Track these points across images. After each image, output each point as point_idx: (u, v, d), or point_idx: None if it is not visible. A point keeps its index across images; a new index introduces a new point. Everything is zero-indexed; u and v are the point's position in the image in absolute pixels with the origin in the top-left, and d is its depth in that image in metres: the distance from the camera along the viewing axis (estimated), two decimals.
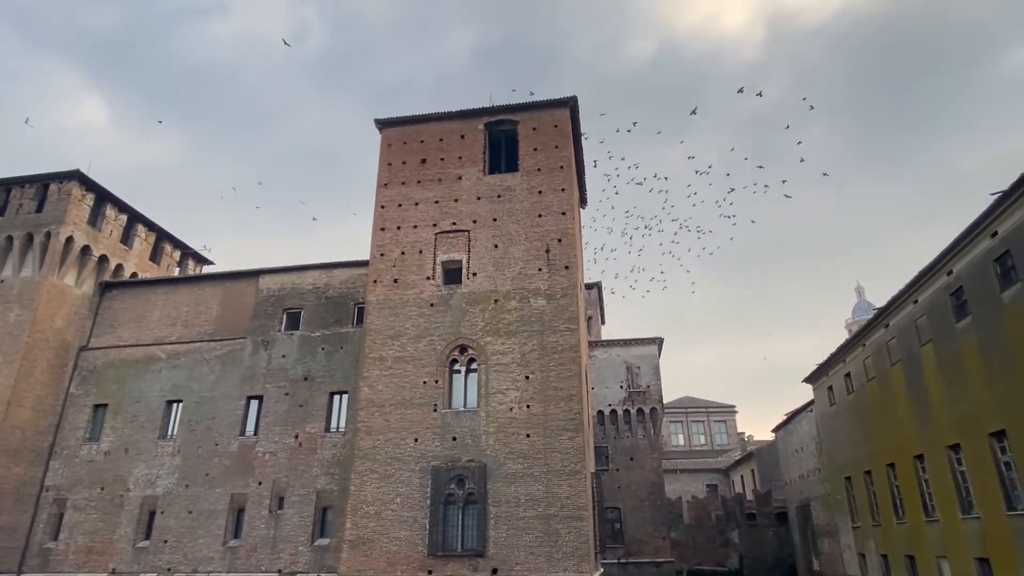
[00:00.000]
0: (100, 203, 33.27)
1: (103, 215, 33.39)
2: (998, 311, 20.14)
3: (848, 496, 34.16)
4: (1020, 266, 19.04)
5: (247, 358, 29.42)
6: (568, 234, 25.55)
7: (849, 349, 33.45)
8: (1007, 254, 19.62)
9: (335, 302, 29.88)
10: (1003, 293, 19.81)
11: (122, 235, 34.71)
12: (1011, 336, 19.45)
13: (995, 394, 20.34)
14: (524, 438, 22.41)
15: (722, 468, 62.79)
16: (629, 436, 40.38)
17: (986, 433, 20.80)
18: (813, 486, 41.02)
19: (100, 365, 31.00)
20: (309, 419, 27.50)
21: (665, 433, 62.19)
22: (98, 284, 32.83)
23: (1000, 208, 19.61)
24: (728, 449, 68.64)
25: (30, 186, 32.16)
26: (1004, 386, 19.84)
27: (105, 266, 33.26)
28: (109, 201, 33.72)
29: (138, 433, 28.95)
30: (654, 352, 42.05)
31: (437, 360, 24.16)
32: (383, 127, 28.95)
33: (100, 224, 33.14)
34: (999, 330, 20.11)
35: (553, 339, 23.74)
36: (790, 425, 46.73)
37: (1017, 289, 19.12)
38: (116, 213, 34.25)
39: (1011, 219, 19.32)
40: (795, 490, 45.20)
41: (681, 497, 48.65)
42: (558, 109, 27.80)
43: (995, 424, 20.38)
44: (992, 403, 20.52)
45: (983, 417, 21.05)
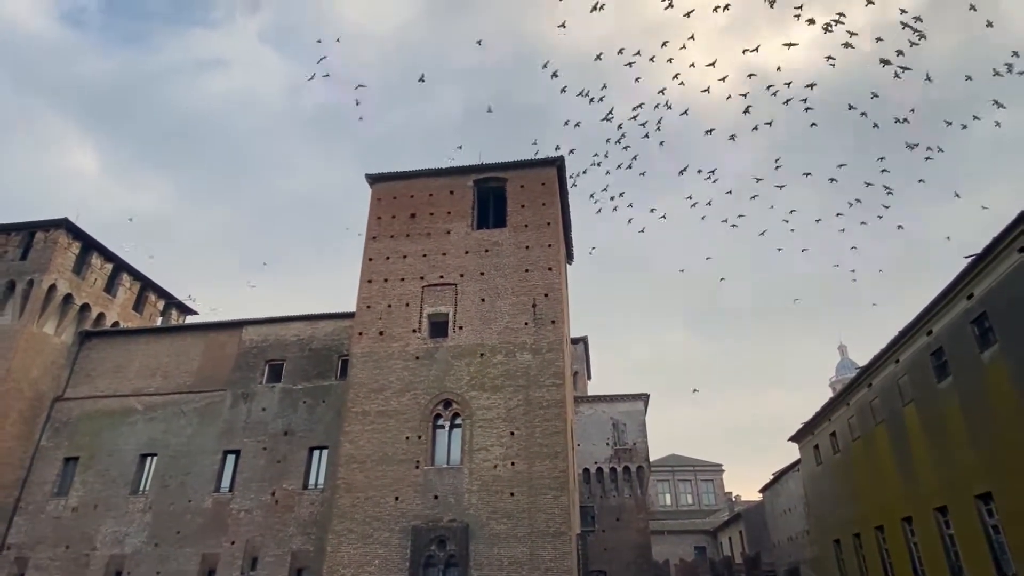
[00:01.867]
0: (86, 251, 33.08)
1: (88, 264, 33.14)
2: (978, 372, 20.25)
3: (837, 560, 33.33)
4: (997, 327, 19.29)
5: (226, 411, 28.77)
6: (554, 289, 25.66)
7: (833, 408, 33.32)
8: (984, 315, 19.91)
9: (319, 354, 29.53)
10: (982, 354, 19.98)
11: (106, 284, 34.39)
12: (991, 397, 19.51)
13: (979, 455, 20.22)
14: (508, 497, 21.83)
15: (710, 530, 61.32)
16: (615, 495, 39.48)
17: (972, 495, 20.55)
18: (802, 549, 40.07)
19: (74, 416, 30.12)
20: (287, 475, 26.70)
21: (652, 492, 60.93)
22: (78, 333, 32.29)
23: (974, 271, 20.02)
24: (716, 509, 67.24)
25: (16, 233, 31.98)
26: (987, 447, 19.76)
27: (87, 315, 32.79)
28: (95, 249, 33.55)
29: (109, 488, 27.90)
30: (640, 408, 41.61)
31: (421, 415, 23.74)
32: (373, 182, 29.32)
33: (85, 272, 32.85)
34: (980, 391, 20.17)
35: (539, 394, 23.48)
36: (777, 485, 46.01)
37: (995, 350, 19.31)
38: (102, 262, 34.03)
39: (985, 281, 19.70)
40: (784, 553, 44.12)
41: (669, 560, 47.20)
42: (545, 168, 28.41)
43: (981, 486, 20.18)
44: (977, 465, 20.37)
45: (968, 479, 20.83)
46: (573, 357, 37.92)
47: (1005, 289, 18.86)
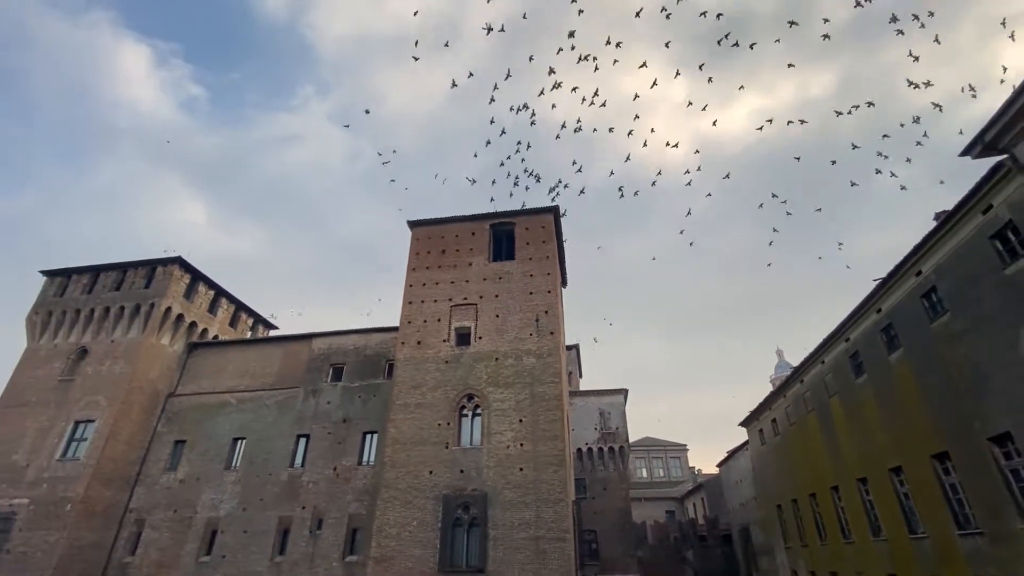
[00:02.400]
0: (194, 282, 33.44)
1: (196, 291, 33.48)
2: (887, 370, 19.90)
3: (780, 521, 32.45)
4: (901, 335, 19.00)
5: (299, 404, 28.68)
6: (553, 307, 25.55)
7: (773, 399, 32.74)
8: (890, 326, 19.62)
9: (371, 359, 29.47)
10: (890, 356, 19.65)
11: (209, 306, 34.65)
12: (898, 390, 19.13)
13: (891, 437, 19.77)
14: (518, 471, 21.49)
15: (678, 497, 59.90)
16: (602, 470, 38.81)
17: (886, 469, 20.05)
18: (751, 512, 39.04)
19: (183, 408, 30.15)
20: (346, 454, 26.48)
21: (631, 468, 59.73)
22: (187, 344, 32.46)
23: (881, 291, 19.78)
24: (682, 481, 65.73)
25: (142, 268, 32.42)
26: (897, 430, 19.32)
27: (194, 330, 33.01)
28: (201, 280, 33.90)
29: (208, 464, 27.78)
30: (621, 400, 41.07)
31: (449, 406, 23.55)
32: (413, 226, 29.54)
33: (193, 297, 33.17)
34: (889, 385, 19.80)
35: (541, 390, 23.25)
36: (731, 461, 44.99)
37: (900, 353, 18.99)
38: (206, 289, 34.36)
39: (890, 299, 19.46)
40: (737, 515, 42.96)
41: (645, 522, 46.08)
42: (545, 214, 28.51)
43: (892, 461, 19.69)
44: (888, 444, 19.90)
45: (882, 456, 20.34)
46: (568, 360, 37.60)
47: (906, 304, 18.62)
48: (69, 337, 30.93)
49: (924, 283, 17.50)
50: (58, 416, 28.04)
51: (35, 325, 31.60)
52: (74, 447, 27.23)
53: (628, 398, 41.47)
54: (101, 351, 29.97)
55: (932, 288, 17.18)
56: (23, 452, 27.21)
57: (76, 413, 28.01)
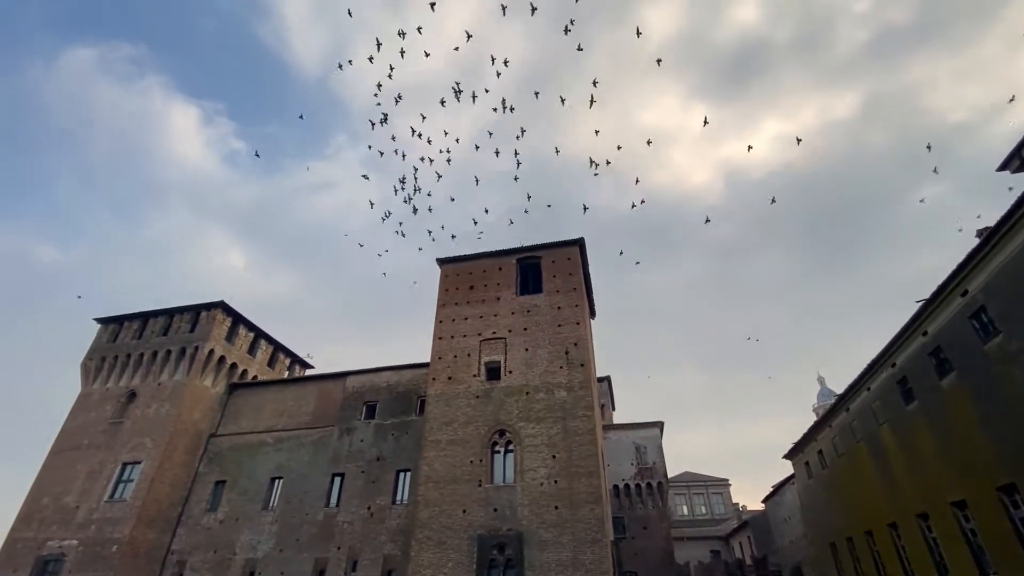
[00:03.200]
0: (235, 324, 34.59)
1: (236, 333, 34.58)
2: (939, 396, 18.69)
3: (834, 560, 30.18)
4: (952, 358, 17.92)
5: (334, 442, 28.82)
6: (582, 339, 25.25)
7: (818, 430, 31.04)
8: (939, 349, 18.55)
9: (403, 396, 29.55)
10: (942, 381, 18.50)
11: (249, 348, 35.66)
12: (954, 417, 17.89)
13: (950, 467, 18.36)
14: (553, 510, 20.82)
15: (722, 536, 56.63)
16: (641, 507, 37.21)
17: (948, 502, 18.54)
18: (802, 551, 36.48)
19: (223, 448, 30.69)
20: (380, 493, 26.28)
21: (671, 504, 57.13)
22: (228, 385, 33.32)
23: (925, 312, 18.83)
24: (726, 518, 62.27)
25: (187, 313, 33.80)
26: (957, 460, 17.95)
27: (235, 371, 33.92)
28: (242, 323, 35.05)
29: (247, 504, 27.98)
30: (657, 434, 39.69)
31: (481, 442, 23.22)
32: (442, 263, 30.03)
33: (234, 340, 34.23)
34: (943, 412, 18.54)
35: (574, 424, 22.73)
36: (777, 496, 42.51)
37: (953, 378, 17.86)
38: (246, 332, 35.46)
39: (936, 321, 18.48)
40: (787, 554, 40.19)
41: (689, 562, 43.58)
42: (570, 247, 28.58)
43: (955, 494, 18.21)
44: (949, 475, 18.46)
45: (943, 488, 18.85)
46: (600, 393, 36.83)
47: (954, 325, 17.64)
48: (120, 381, 32.21)
49: (972, 303, 16.58)
50: (107, 458, 28.93)
51: (89, 370, 33.09)
52: (121, 488, 27.92)
53: (664, 431, 40.08)
54: (149, 393, 31.04)
55: (981, 308, 16.25)
56: (74, 494, 28.05)
57: (124, 455, 28.85)
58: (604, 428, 36.54)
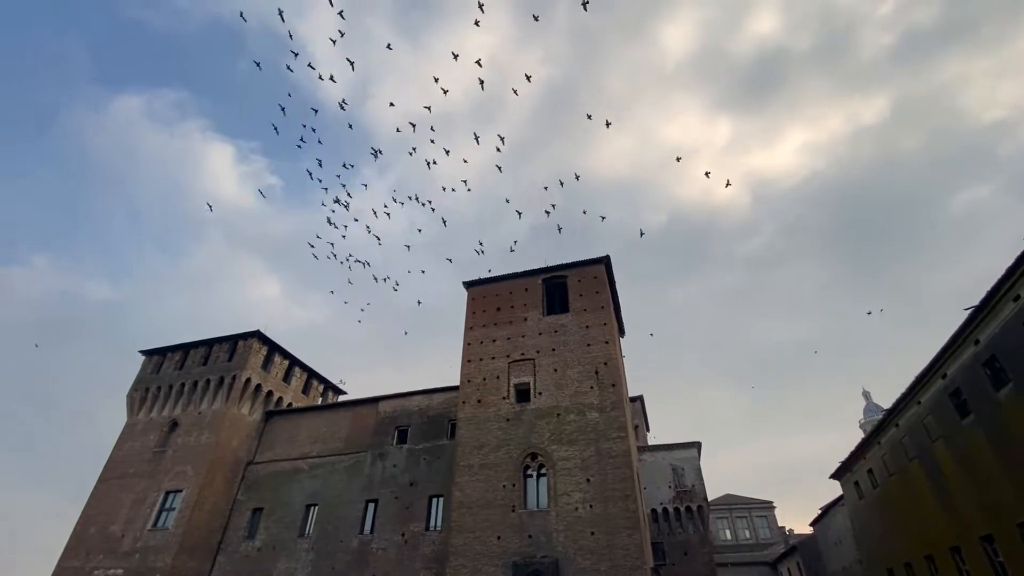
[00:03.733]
0: (271, 353, 35.38)
1: (272, 361, 35.33)
2: (998, 408, 17.47)
3: None
4: (1009, 368, 16.78)
5: (367, 468, 28.82)
6: (612, 358, 24.80)
7: (866, 447, 29.39)
8: (994, 359, 17.42)
9: (434, 420, 29.45)
10: (998, 392, 17.32)
11: (284, 375, 36.33)
12: (1015, 430, 16.65)
13: (1016, 484, 17.00)
14: (589, 535, 20.18)
15: (769, 561, 53.70)
16: (681, 532, 35.70)
17: (1015, 523, 17.12)
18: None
19: (260, 476, 31.05)
20: (413, 519, 26.01)
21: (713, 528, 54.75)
22: (264, 412, 33.90)
23: (976, 320, 17.79)
24: (772, 543, 59.13)
25: (225, 343, 34.78)
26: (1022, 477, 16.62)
27: (270, 398, 34.56)
28: (277, 351, 35.83)
29: (283, 532, 28.09)
30: (694, 454, 38.25)
31: (513, 466, 22.84)
32: (469, 286, 30.20)
33: (269, 368, 34.97)
34: (1004, 425, 17.29)
35: (607, 446, 22.16)
36: (826, 519, 40.25)
37: (1011, 388, 16.70)
38: (281, 359, 36.20)
39: (989, 328, 17.42)
40: None
41: None
42: (596, 265, 28.36)
43: (1022, 515, 16.81)
44: (1015, 493, 17.09)
45: (1008, 508, 17.45)
46: (633, 413, 35.92)
47: (1010, 333, 16.57)
48: (163, 411, 33.19)
49: None
50: (151, 486, 29.64)
51: (134, 401, 34.25)
52: (164, 517, 28.48)
53: (702, 451, 38.64)
54: (189, 422, 31.84)
55: None
56: (120, 523, 28.74)
57: (166, 483, 29.50)
58: (639, 449, 35.48)
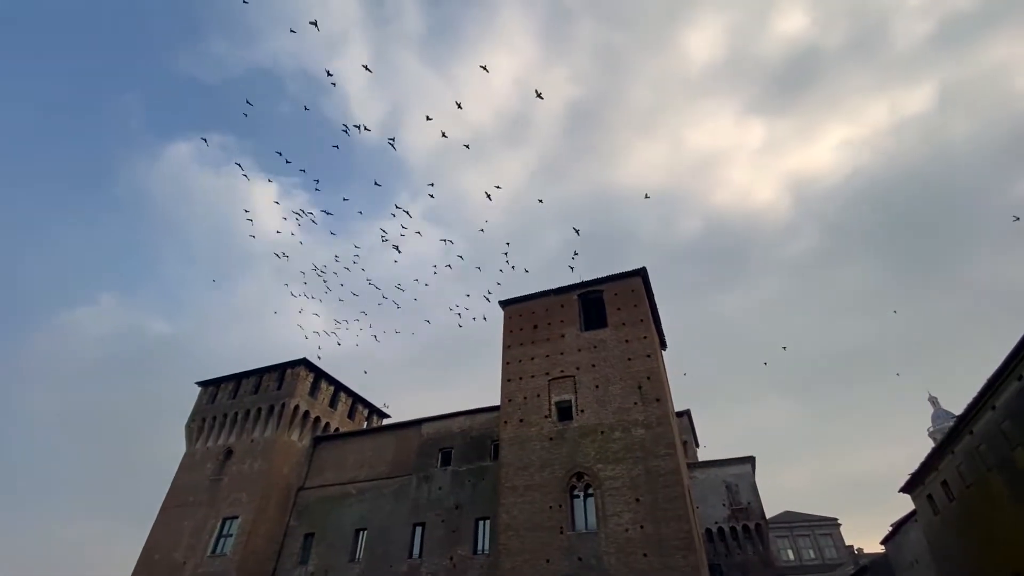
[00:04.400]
0: (317, 380, 36.20)
1: (319, 388, 36.12)
2: None
3: None
4: None
5: (413, 491, 28.80)
6: (655, 372, 24.11)
7: (939, 457, 27.26)
8: None
9: (476, 441, 29.26)
10: None
11: (330, 401, 37.03)
12: None
13: None
14: (642, 557, 19.37)
15: None
16: (740, 553, 33.80)
17: None
18: None
19: (311, 501, 31.50)
20: (460, 542, 25.69)
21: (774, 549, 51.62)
22: (312, 438, 34.57)
23: None
24: (839, 563, 55.21)
25: (274, 372, 35.79)
26: None
27: (318, 424, 35.25)
28: (323, 378, 36.63)
29: (334, 557, 28.26)
30: (748, 470, 36.35)
31: (559, 487, 22.32)
32: (505, 305, 30.20)
33: (316, 394, 35.73)
34: None
35: (656, 463, 21.39)
36: (898, 537, 37.40)
37: None
38: (327, 385, 36.97)
39: None
40: None
41: None
42: (632, 278, 27.87)
43: None
44: None
45: None
46: (680, 428, 34.66)
47: None
48: (218, 440, 34.39)
49: None
50: (209, 514, 30.57)
51: (192, 431, 35.67)
52: (222, 543, 29.24)
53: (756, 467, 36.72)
54: (243, 450, 32.82)
55: None
56: (182, 549, 29.70)
57: (224, 510, 30.37)
58: (689, 466, 34.07)
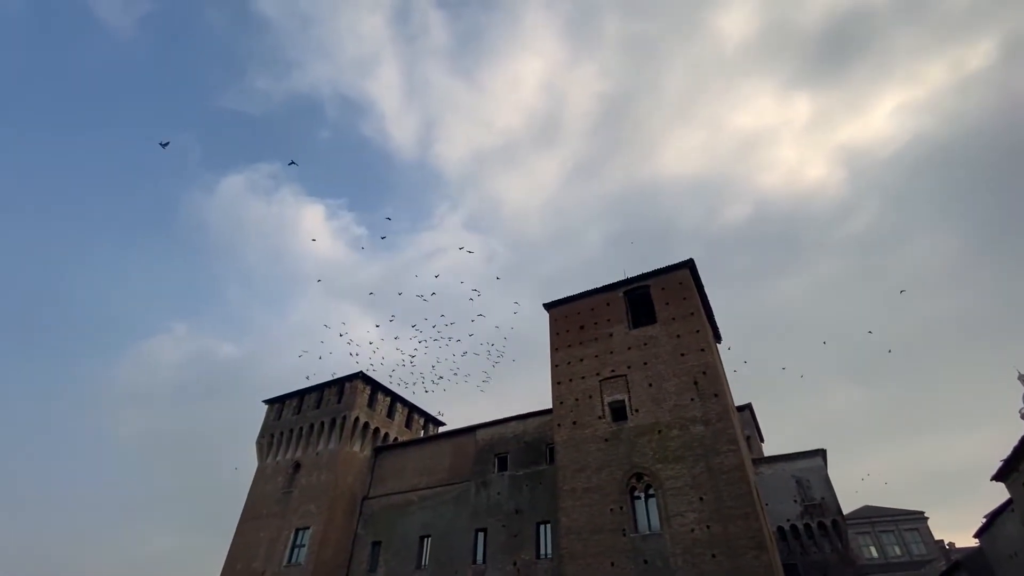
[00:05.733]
0: (375, 392, 37.15)
1: (376, 400, 37.05)
2: None
3: None
4: None
5: (472, 497, 28.91)
6: (711, 367, 23.14)
7: None
8: None
9: (531, 445, 29.05)
10: None
11: (387, 411, 37.89)
12: None
13: None
14: (710, 558, 18.54)
15: None
16: (816, 552, 31.74)
17: None
18: None
19: (376, 510, 32.25)
20: (523, 547, 25.51)
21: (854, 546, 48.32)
22: (373, 448, 35.47)
23: None
24: (929, 559, 50.92)
25: (335, 386, 36.98)
26: None
27: (377, 435, 36.14)
28: (380, 390, 37.54)
29: (401, 564, 28.76)
30: (820, 464, 34.09)
31: (618, 488, 21.77)
32: (549, 308, 29.93)
33: (374, 406, 36.66)
34: None
35: (718, 460, 20.48)
36: (993, 529, 34.07)
37: None
38: (383, 397, 37.86)
39: None
40: None
41: None
42: (679, 271, 26.96)
43: None
44: None
45: None
46: (742, 423, 33.10)
47: None
48: (287, 454, 35.90)
49: None
50: (283, 525, 31.90)
51: (263, 447, 37.43)
52: (296, 553, 30.42)
53: (829, 460, 34.49)
54: (310, 463, 34.09)
55: None
56: (260, 560, 31.12)
57: (296, 521, 31.60)
58: (754, 462, 32.43)
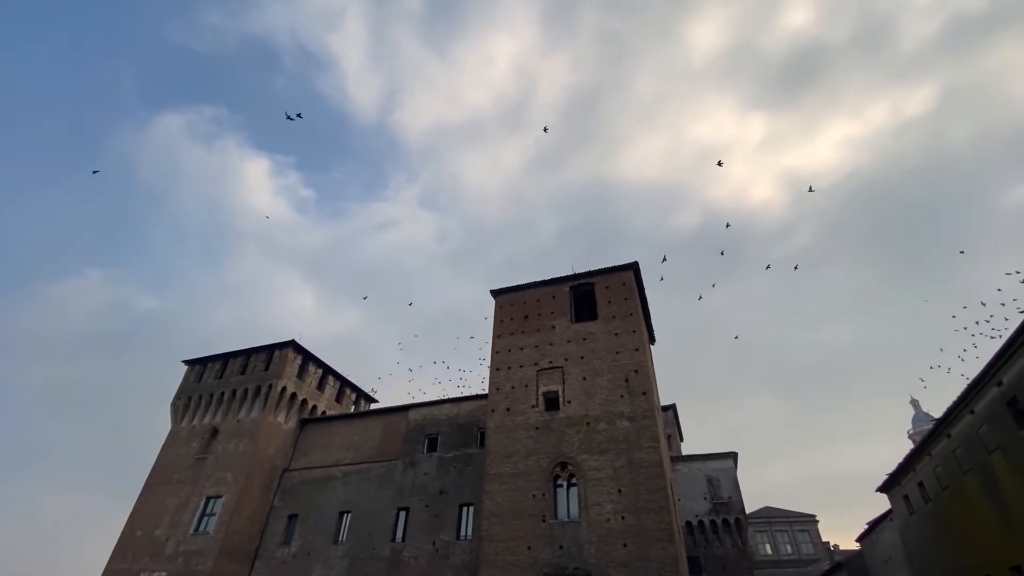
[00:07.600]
0: (305, 362, 36.12)
1: (307, 370, 36.06)
2: None
3: None
4: None
5: (398, 476, 29.00)
6: (642, 366, 24.33)
7: (916, 459, 27.87)
8: None
9: (463, 428, 29.45)
10: None
11: (318, 384, 37.03)
12: None
13: None
14: (622, 547, 19.70)
15: None
16: (718, 546, 34.45)
17: None
18: None
19: (296, 483, 31.62)
20: (443, 528, 25.98)
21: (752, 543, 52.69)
22: (299, 420, 34.60)
23: None
24: (815, 559, 56.40)
25: (262, 353, 35.67)
26: None
27: (305, 407, 35.26)
28: (311, 360, 36.55)
29: (318, 539, 28.47)
30: (731, 465, 36.88)
31: (543, 475, 22.57)
32: (496, 295, 30.23)
33: (304, 377, 35.69)
34: None
35: (639, 455, 21.67)
36: (873, 535, 38.23)
37: None
38: (315, 368, 36.92)
39: None
40: None
41: None
42: (624, 271, 27.98)
43: None
44: None
45: None
46: (665, 422, 35.08)
47: None
48: (204, 419, 34.31)
49: None
50: (193, 492, 30.60)
51: (178, 409, 35.54)
52: (205, 522, 29.31)
53: (738, 462, 37.29)
54: (229, 430, 32.78)
55: None
56: (164, 527, 29.75)
57: (207, 489, 30.40)
58: (672, 460, 34.54)
